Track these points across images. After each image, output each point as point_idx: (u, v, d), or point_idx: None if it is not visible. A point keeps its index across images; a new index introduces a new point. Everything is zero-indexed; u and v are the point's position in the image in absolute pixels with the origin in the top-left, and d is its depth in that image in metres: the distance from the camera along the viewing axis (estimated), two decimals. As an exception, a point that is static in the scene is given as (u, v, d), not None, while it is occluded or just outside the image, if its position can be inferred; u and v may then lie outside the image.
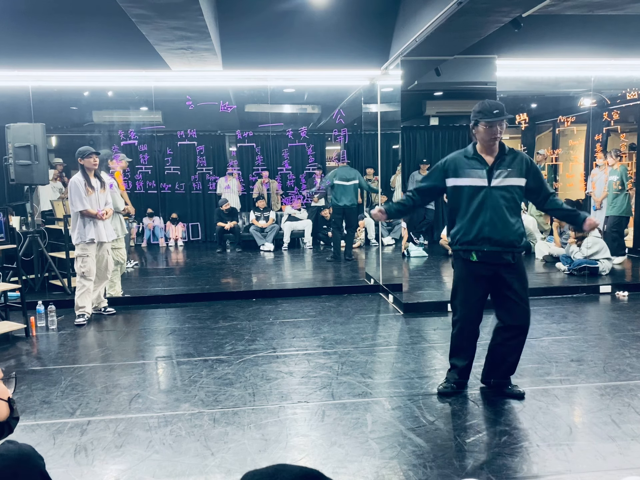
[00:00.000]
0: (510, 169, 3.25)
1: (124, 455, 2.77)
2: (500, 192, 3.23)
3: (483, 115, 3.21)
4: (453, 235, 3.39)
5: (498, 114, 3.18)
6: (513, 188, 3.25)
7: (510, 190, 3.24)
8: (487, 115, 3.19)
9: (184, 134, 6.77)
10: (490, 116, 3.18)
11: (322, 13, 5.64)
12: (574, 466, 2.59)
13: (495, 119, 3.17)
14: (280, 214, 10.22)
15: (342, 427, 3.02)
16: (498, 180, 3.23)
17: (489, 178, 3.24)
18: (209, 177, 7.79)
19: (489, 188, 3.24)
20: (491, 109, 3.19)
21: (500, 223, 3.22)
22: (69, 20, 5.51)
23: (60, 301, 5.72)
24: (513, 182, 3.24)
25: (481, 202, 3.24)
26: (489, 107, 3.20)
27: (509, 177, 3.24)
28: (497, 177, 3.24)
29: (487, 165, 3.26)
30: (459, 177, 3.30)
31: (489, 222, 3.23)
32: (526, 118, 6.71)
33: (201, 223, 10.10)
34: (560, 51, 5.71)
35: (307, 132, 7.20)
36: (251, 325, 5.09)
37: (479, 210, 3.25)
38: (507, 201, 3.24)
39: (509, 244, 3.24)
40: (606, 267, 6.70)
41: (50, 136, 9.46)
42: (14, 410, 1.63)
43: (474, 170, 3.27)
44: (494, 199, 3.23)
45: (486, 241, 3.24)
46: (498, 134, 3.20)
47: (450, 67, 5.51)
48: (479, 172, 3.26)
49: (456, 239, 3.35)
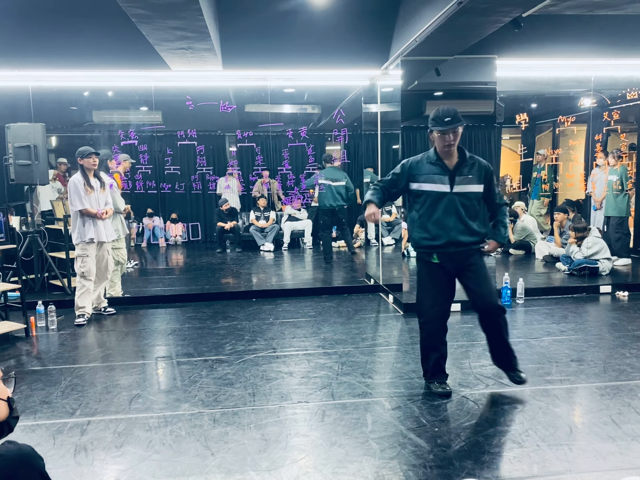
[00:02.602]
0: (471, 176, 3.32)
1: (124, 455, 2.77)
2: (461, 197, 3.31)
3: (435, 123, 3.24)
4: (415, 239, 3.45)
5: (449, 122, 3.20)
6: (473, 194, 3.35)
7: (470, 197, 3.34)
8: (439, 123, 3.22)
9: (184, 134, 6.77)
10: (441, 124, 3.21)
11: (322, 13, 5.64)
12: (574, 466, 2.59)
13: (447, 127, 3.20)
14: (280, 214, 10.22)
15: (342, 427, 3.02)
16: (460, 187, 3.31)
17: (450, 184, 3.31)
18: (209, 177, 7.78)
19: (451, 194, 3.31)
20: (443, 116, 3.22)
21: (461, 226, 3.32)
22: (69, 20, 5.51)
23: (60, 301, 5.73)
24: (473, 189, 3.34)
25: (444, 207, 3.32)
26: (441, 114, 3.23)
27: (470, 184, 3.32)
28: (459, 184, 3.31)
29: (449, 171, 3.31)
30: (422, 182, 3.36)
31: (452, 227, 3.31)
32: (526, 118, 6.71)
33: (201, 223, 10.10)
34: (560, 51, 5.71)
35: (307, 132, 7.20)
36: (251, 325, 5.09)
37: (441, 214, 3.33)
38: (467, 206, 3.34)
39: (468, 244, 3.34)
40: (606, 267, 6.70)
41: (50, 136, 9.46)
42: (13, 410, 1.63)
43: (437, 176, 3.33)
44: (456, 204, 3.31)
45: (448, 244, 3.33)
46: (452, 141, 3.24)
47: (450, 67, 5.51)
48: (442, 177, 3.32)
49: (418, 242, 3.43)
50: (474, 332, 4.77)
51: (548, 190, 8.85)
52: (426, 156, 3.40)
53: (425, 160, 3.38)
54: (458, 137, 3.27)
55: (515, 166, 9.60)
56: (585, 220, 7.65)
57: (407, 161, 3.46)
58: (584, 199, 8.75)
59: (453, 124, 3.20)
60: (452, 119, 3.20)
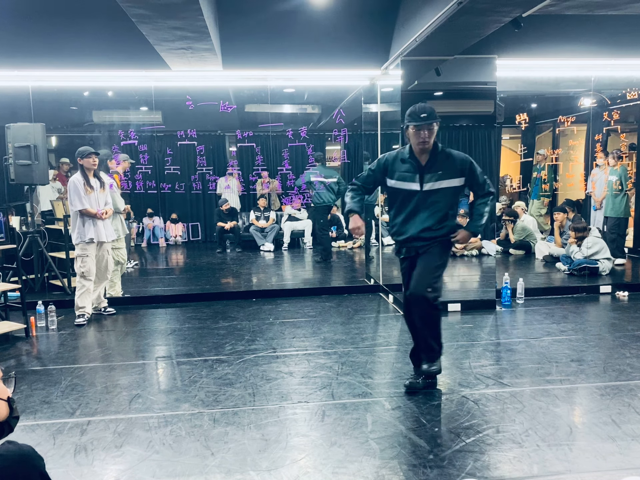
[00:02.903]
0: (442, 172, 3.30)
1: (124, 455, 2.77)
2: (432, 195, 3.31)
3: (411, 119, 3.26)
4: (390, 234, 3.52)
5: (425, 117, 3.22)
6: (446, 190, 3.32)
7: (442, 193, 3.32)
8: (415, 119, 3.24)
9: (184, 134, 6.77)
10: (417, 120, 3.23)
11: (322, 13, 5.64)
12: (574, 466, 2.59)
13: (422, 122, 3.22)
14: (280, 214, 10.22)
15: (342, 427, 3.02)
16: (430, 185, 3.30)
17: (420, 182, 3.31)
18: (209, 177, 7.78)
19: (421, 192, 3.31)
20: (419, 112, 3.24)
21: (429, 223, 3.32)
22: (69, 20, 5.51)
23: (60, 301, 5.72)
24: (445, 185, 3.32)
25: (414, 205, 3.34)
26: (417, 110, 3.25)
27: (440, 180, 3.31)
28: (429, 182, 3.30)
29: (420, 169, 3.31)
30: (396, 180, 3.38)
31: (420, 224, 3.33)
32: (526, 118, 6.71)
33: (201, 223, 10.10)
34: (560, 51, 5.71)
35: (307, 132, 7.20)
36: (251, 325, 5.09)
37: (411, 212, 3.35)
38: (439, 203, 3.33)
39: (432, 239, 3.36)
40: (606, 267, 6.70)
41: (50, 136, 9.46)
42: (13, 410, 1.63)
43: (408, 174, 3.34)
44: (426, 202, 3.31)
45: (414, 239, 3.36)
46: (426, 137, 3.24)
47: (450, 67, 5.51)
48: (413, 175, 3.32)
49: (392, 237, 3.51)
50: (474, 332, 4.78)
51: (548, 190, 8.85)
52: (401, 153, 3.40)
53: (399, 157, 3.39)
54: (433, 135, 3.27)
55: (515, 166, 9.61)
56: (585, 220, 7.66)
57: (383, 157, 3.46)
58: (584, 199, 8.75)
59: (428, 120, 3.21)
60: (428, 116, 3.22)
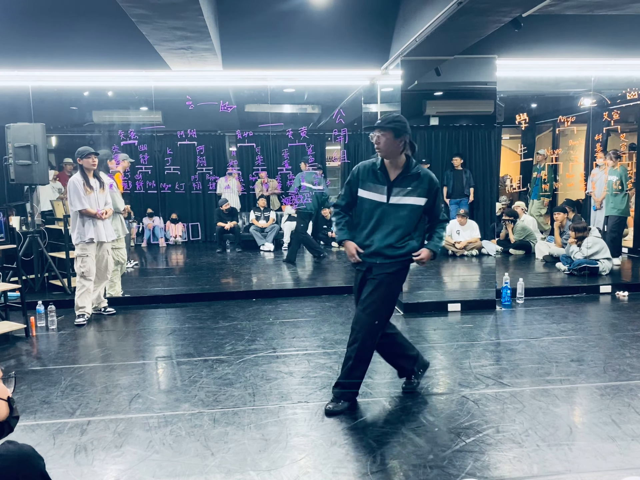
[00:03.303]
0: (410, 188, 3.22)
1: (124, 455, 2.77)
2: (396, 209, 3.23)
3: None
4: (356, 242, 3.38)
5: (378, 123, 3.22)
6: (410, 207, 3.23)
7: (406, 209, 3.23)
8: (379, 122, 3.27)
9: (184, 134, 6.76)
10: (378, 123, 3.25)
11: (322, 13, 5.64)
12: (574, 466, 2.59)
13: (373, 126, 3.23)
14: (280, 214, 10.22)
15: (342, 427, 3.02)
16: (396, 198, 3.23)
17: (388, 195, 3.24)
18: (209, 177, 7.77)
19: (387, 205, 3.24)
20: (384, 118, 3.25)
21: (392, 239, 3.23)
22: (69, 20, 5.51)
23: (60, 301, 5.73)
24: (410, 201, 3.23)
25: (378, 218, 3.26)
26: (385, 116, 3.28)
27: (407, 196, 3.22)
28: (396, 195, 3.23)
29: (388, 182, 3.26)
30: (365, 190, 3.32)
31: (382, 238, 3.24)
32: (526, 118, 6.70)
33: (201, 223, 10.10)
34: (560, 51, 5.71)
35: (307, 132, 7.20)
36: (251, 325, 5.09)
37: (375, 225, 3.27)
38: (402, 219, 3.23)
39: (393, 257, 3.24)
40: (606, 267, 6.70)
41: (50, 136, 9.46)
42: (13, 410, 1.63)
43: (376, 185, 3.28)
44: (390, 215, 3.23)
45: (377, 255, 3.26)
46: (377, 143, 3.20)
47: (450, 67, 5.51)
48: (380, 187, 3.27)
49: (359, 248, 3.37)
50: (474, 332, 4.78)
51: (548, 190, 8.85)
52: (374, 163, 3.34)
53: (372, 167, 3.33)
54: (386, 143, 3.19)
55: (515, 166, 9.61)
56: (585, 220, 7.66)
57: (357, 167, 3.41)
58: (584, 199, 8.75)
59: (378, 126, 3.20)
60: (381, 122, 3.21)
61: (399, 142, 3.19)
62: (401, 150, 3.22)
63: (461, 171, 8.42)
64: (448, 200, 8.63)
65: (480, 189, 8.45)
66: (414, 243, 3.29)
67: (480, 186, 8.45)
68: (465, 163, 8.50)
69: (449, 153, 8.69)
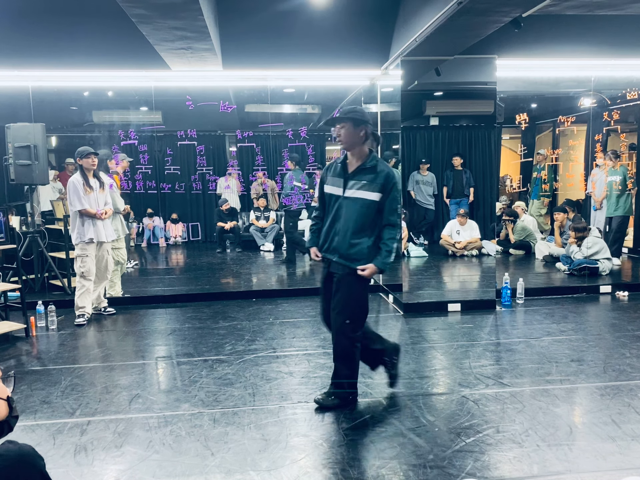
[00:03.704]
0: (365, 182, 3.15)
1: (124, 455, 2.77)
2: (351, 203, 3.17)
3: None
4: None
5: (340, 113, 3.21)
6: (363, 201, 3.14)
7: (360, 203, 3.14)
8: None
9: (184, 134, 6.77)
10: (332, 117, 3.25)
11: (322, 13, 5.64)
12: (574, 466, 2.59)
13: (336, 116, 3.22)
14: (281, 214, 10.21)
15: (342, 427, 3.02)
16: (351, 191, 3.18)
17: (344, 187, 3.21)
18: (209, 177, 7.78)
19: (343, 198, 3.20)
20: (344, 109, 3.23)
21: (345, 235, 3.18)
22: (69, 20, 5.51)
23: (60, 301, 5.73)
24: (364, 195, 3.14)
25: (336, 211, 3.23)
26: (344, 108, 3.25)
27: (361, 190, 3.15)
28: (351, 188, 3.18)
29: (346, 174, 3.22)
30: (327, 185, 3.32)
31: (338, 233, 3.21)
32: (526, 118, 6.70)
33: (201, 223, 10.10)
34: (560, 51, 5.71)
35: (307, 132, 7.20)
36: (251, 325, 5.09)
37: (333, 219, 3.24)
38: (358, 214, 3.15)
39: (348, 257, 3.19)
40: (606, 267, 6.70)
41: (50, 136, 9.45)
42: (13, 409, 1.63)
43: (335, 178, 3.26)
44: (346, 209, 3.18)
45: (334, 251, 3.24)
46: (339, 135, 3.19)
47: (450, 67, 5.51)
48: (338, 180, 3.24)
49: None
50: (474, 332, 4.78)
51: (548, 190, 8.85)
52: (339, 159, 3.34)
53: (335, 162, 3.33)
54: (346, 135, 3.16)
55: (515, 166, 9.61)
56: (585, 220, 7.66)
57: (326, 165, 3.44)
58: (584, 199, 8.75)
59: (336, 118, 3.20)
60: (343, 112, 3.20)
61: (359, 131, 3.16)
62: (363, 141, 3.19)
63: (461, 171, 8.42)
64: (448, 200, 8.64)
65: (480, 189, 8.45)
66: (367, 242, 3.17)
67: (480, 186, 8.46)
68: (465, 163, 8.51)
69: (449, 153, 8.70)
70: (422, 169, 8.82)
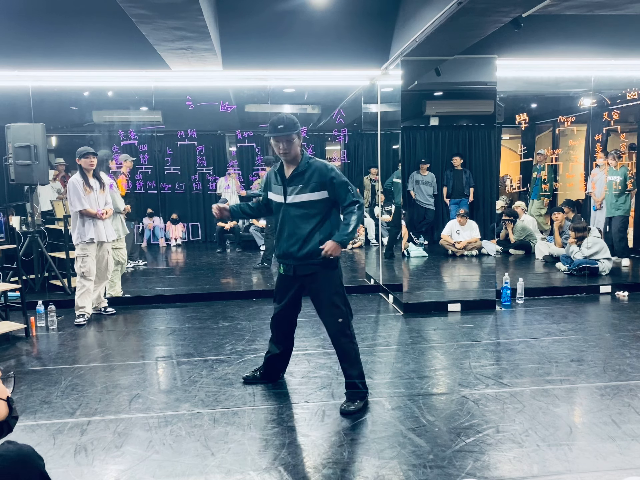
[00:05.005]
0: (303, 185, 3.21)
1: (124, 455, 2.77)
2: (295, 208, 3.24)
3: (269, 130, 3.23)
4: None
5: (282, 129, 3.18)
6: (308, 203, 3.20)
7: (304, 206, 3.21)
8: (272, 130, 3.21)
9: (184, 134, 6.76)
10: (274, 131, 3.20)
11: (322, 13, 5.64)
12: (574, 466, 2.59)
13: (278, 134, 3.18)
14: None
15: (342, 427, 3.02)
16: (291, 197, 3.24)
17: (284, 194, 3.26)
18: (209, 177, 7.78)
19: (286, 204, 3.26)
20: (276, 124, 3.20)
21: (296, 237, 3.23)
22: (69, 20, 5.51)
23: (60, 301, 5.73)
24: (307, 198, 3.20)
25: (281, 218, 3.30)
26: (275, 121, 3.22)
27: (301, 193, 3.21)
28: (291, 194, 3.24)
29: (284, 181, 3.27)
30: (271, 192, 3.38)
31: (287, 238, 3.27)
32: (526, 118, 6.71)
33: (201, 223, 10.08)
34: (560, 51, 5.71)
35: (307, 132, 7.20)
36: (251, 325, 5.09)
37: (281, 225, 3.32)
38: (304, 216, 3.22)
39: (306, 257, 3.23)
40: (606, 267, 6.70)
41: (50, 136, 9.44)
42: (12, 410, 1.63)
43: (275, 186, 3.33)
44: (290, 215, 3.25)
45: (288, 256, 3.29)
46: (284, 149, 3.19)
47: (450, 67, 5.51)
48: (277, 188, 3.31)
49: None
50: (474, 332, 4.78)
51: (548, 190, 8.85)
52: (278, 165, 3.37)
53: (276, 168, 3.37)
54: (292, 146, 3.20)
55: (515, 166, 9.60)
56: (585, 220, 7.66)
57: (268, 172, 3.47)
58: (584, 199, 8.75)
59: (283, 132, 3.16)
60: (285, 127, 3.17)
61: (299, 139, 3.26)
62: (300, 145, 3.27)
63: (461, 171, 8.42)
64: (448, 200, 8.64)
65: (480, 189, 8.45)
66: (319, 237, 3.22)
67: (480, 186, 8.45)
68: (465, 163, 8.50)
69: (449, 153, 8.69)
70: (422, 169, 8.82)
